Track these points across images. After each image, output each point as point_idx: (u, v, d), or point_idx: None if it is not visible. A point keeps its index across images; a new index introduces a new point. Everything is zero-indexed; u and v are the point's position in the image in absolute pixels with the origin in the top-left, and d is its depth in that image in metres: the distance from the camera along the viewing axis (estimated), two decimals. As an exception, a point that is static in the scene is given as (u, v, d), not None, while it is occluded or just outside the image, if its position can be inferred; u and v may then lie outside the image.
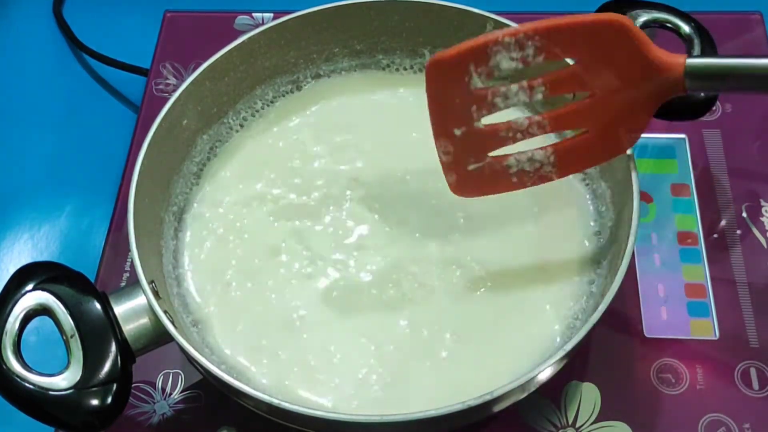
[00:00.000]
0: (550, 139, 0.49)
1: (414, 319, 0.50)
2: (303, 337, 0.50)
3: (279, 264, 0.52)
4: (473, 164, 0.48)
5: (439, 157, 0.48)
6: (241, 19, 0.71)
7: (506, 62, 0.45)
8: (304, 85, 0.60)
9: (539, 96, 0.46)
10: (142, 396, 0.54)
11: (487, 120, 0.47)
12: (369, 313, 0.50)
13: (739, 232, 0.59)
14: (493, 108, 0.46)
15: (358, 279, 0.51)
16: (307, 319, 0.51)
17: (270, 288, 0.52)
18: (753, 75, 0.44)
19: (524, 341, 0.49)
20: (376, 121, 0.58)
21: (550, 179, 0.48)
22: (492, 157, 0.48)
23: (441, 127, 0.48)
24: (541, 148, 0.47)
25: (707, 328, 0.55)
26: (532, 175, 0.48)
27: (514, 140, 0.47)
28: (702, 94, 0.53)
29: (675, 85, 0.44)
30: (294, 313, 0.51)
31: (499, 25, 0.55)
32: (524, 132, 0.47)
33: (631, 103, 0.46)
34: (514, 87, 0.46)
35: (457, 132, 0.47)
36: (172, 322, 0.46)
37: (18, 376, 0.44)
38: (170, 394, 0.54)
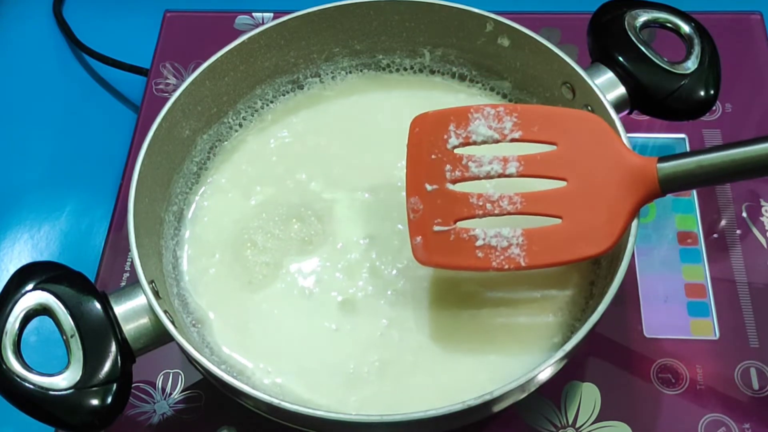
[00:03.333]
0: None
1: (412, 319, 0.50)
2: (303, 336, 0.50)
3: (279, 266, 0.52)
4: (439, 226, 0.47)
5: (408, 217, 0.48)
6: (241, 19, 0.71)
7: (484, 129, 0.47)
8: (304, 85, 0.60)
9: (512, 170, 0.46)
10: (142, 396, 0.54)
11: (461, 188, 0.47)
12: (370, 315, 0.50)
13: (739, 232, 0.59)
14: (466, 171, 0.47)
15: (361, 284, 0.51)
16: (310, 319, 0.51)
17: (270, 288, 0.52)
18: (722, 168, 0.44)
19: (524, 341, 0.49)
20: (375, 120, 0.58)
21: (519, 265, 0.46)
22: (459, 227, 0.47)
23: (415, 182, 0.48)
24: (509, 227, 0.46)
25: (707, 328, 0.55)
26: (498, 253, 0.46)
27: (484, 210, 0.46)
28: (702, 93, 0.53)
29: (651, 189, 0.45)
30: (296, 313, 0.51)
31: (499, 25, 0.55)
32: (494, 204, 0.46)
33: (608, 201, 0.45)
34: (489, 156, 0.47)
35: (429, 188, 0.47)
36: (172, 322, 0.46)
37: (18, 376, 0.44)
38: (170, 394, 0.54)
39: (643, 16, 0.54)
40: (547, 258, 0.46)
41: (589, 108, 0.52)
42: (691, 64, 0.53)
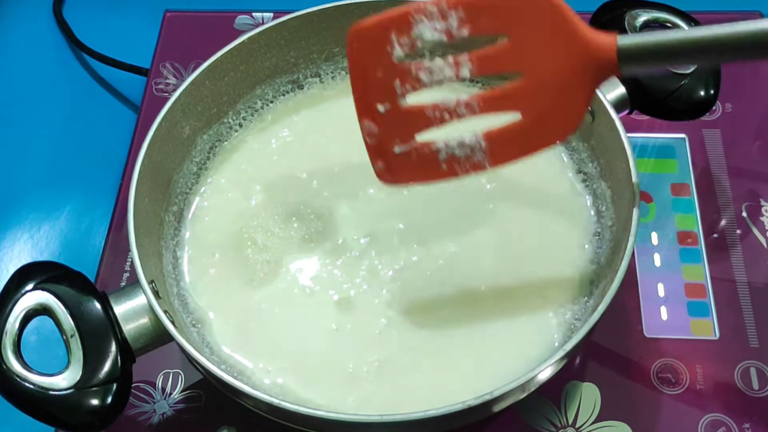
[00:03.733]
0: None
1: (411, 319, 0.50)
2: (303, 336, 0.50)
3: (279, 264, 0.52)
4: (399, 146, 0.45)
5: (364, 140, 0.46)
6: (241, 19, 0.71)
7: (429, 33, 0.43)
8: (304, 85, 0.60)
9: (466, 72, 0.43)
10: (142, 396, 0.54)
11: (415, 99, 0.45)
12: (369, 313, 0.50)
13: (739, 231, 0.59)
14: (417, 84, 0.44)
15: (358, 282, 0.51)
16: (310, 318, 0.51)
17: (270, 286, 0.52)
18: (686, 49, 0.41)
19: (524, 341, 0.49)
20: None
21: (483, 168, 0.44)
22: (420, 142, 0.45)
23: (364, 104, 0.45)
24: (471, 133, 0.44)
25: (707, 328, 0.55)
26: (463, 162, 0.44)
27: (442, 121, 0.44)
28: (702, 93, 0.53)
29: (607, 66, 0.42)
30: (296, 312, 0.51)
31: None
32: (452, 112, 0.44)
33: (565, 87, 0.43)
34: (439, 61, 0.43)
35: (381, 108, 0.44)
36: (172, 322, 0.46)
37: (18, 376, 0.44)
38: (170, 394, 0.54)
39: (643, 16, 0.54)
40: (510, 155, 0.44)
41: (590, 108, 0.52)
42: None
